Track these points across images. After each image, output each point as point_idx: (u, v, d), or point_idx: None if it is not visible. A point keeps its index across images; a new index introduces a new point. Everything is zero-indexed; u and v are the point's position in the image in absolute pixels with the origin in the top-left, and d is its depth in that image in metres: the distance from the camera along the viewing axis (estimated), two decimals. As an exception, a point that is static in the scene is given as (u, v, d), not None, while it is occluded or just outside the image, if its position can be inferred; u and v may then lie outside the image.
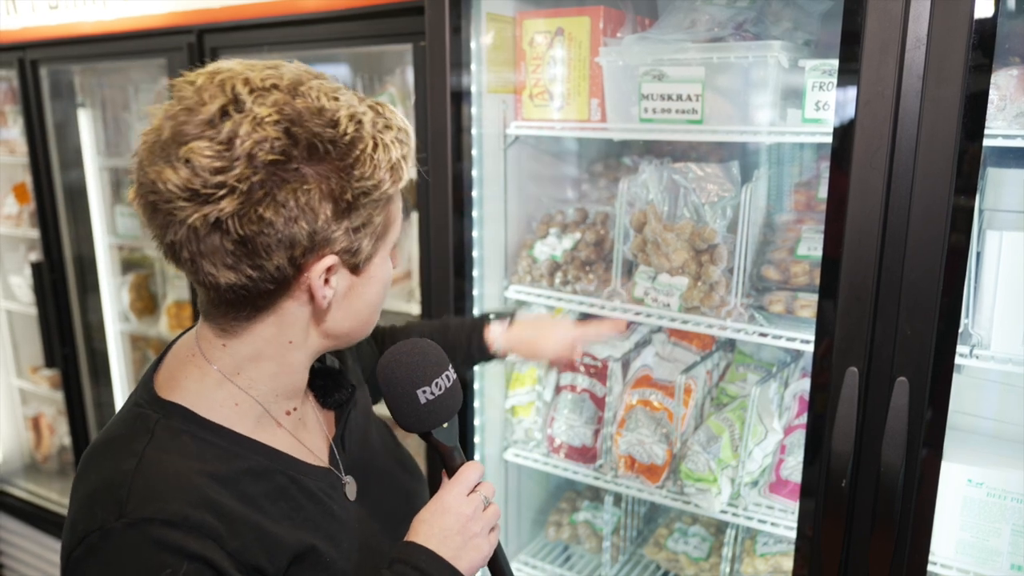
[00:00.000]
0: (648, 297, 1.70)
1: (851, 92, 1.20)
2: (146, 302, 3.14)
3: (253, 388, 0.90)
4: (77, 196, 2.96)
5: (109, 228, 3.03)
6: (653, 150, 1.96)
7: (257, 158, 0.75)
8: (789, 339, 1.51)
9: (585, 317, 2.00)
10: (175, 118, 0.77)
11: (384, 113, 0.84)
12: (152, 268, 3.14)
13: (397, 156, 0.83)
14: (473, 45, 1.69)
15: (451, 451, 0.97)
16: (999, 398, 1.58)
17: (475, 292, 1.82)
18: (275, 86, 0.78)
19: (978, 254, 1.33)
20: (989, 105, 1.15)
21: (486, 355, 1.41)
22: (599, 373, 1.90)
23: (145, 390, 0.89)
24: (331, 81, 0.84)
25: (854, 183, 1.22)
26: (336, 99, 0.80)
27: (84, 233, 3.00)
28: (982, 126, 1.13)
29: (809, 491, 1.36)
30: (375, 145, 0.81)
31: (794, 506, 1.57)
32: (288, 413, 0.95)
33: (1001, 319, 1.32)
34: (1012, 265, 1.31)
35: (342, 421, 1.04)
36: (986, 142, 1.15)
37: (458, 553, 0.91)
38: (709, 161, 1.75)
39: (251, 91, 0.77)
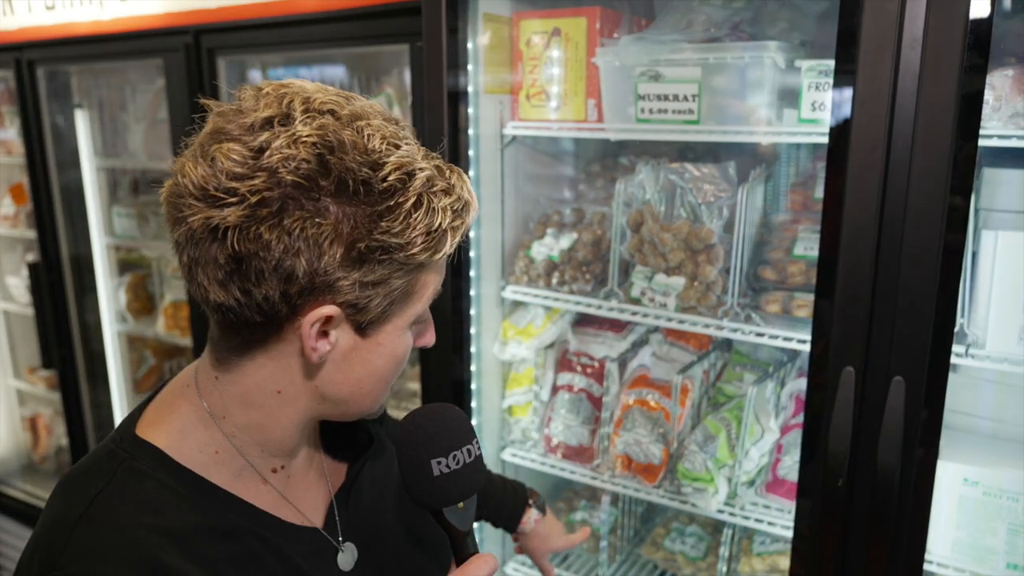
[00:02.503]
0: (645, 297, 1.71)
1: (847, 92, 1.21)
2: (143, 302, 3.14)
3: (236, 437, 0.83)
4: (74, 197, 2.96)
5: (106, 228, 3.03)
6: (650, 150, 1.97)
7: (279, 175, 0.70)
8: (786, 339, 1.52)
9: (582, 317, 2.00)
10: (224, 115, 0.75)
11: (450, 178, 0.77)
12: (149, 268, 3.14)
13: (442, 225, 0.75)
14: (470, 45, 1.69)
15: (462, 537, 0.86)
16: (995, 397, 1.59)
17: (472, 292, 1.82)
18: (332, 112, 0.74)
19: (974, 254, 1.34)
20: (984, 105, 1.16)
21: (511, 524, 1.34)
22: (596, 373, 1.90)
23: (126, 425, 0.84)
24: (407, 131, 0.78)
25: (850, 183, 1.22)
26: (395, 146, 0.74)
27: (81, 233, 2.99)
28: (977, 126, 1.14)
29: (806, 490, 1.37)
30: (418, 204, 0.74)
31: (791, 505, 1.58)
32: (275, 470, 0.87)
33: (996, 318, 1.33)
34: (1007, 264, 1.31)
35: (351, 474, 0.95)
36: (981, 142, 1.16)
37: None
38: (706, 161, 1.75)
39: (305, 110, 0.73)
